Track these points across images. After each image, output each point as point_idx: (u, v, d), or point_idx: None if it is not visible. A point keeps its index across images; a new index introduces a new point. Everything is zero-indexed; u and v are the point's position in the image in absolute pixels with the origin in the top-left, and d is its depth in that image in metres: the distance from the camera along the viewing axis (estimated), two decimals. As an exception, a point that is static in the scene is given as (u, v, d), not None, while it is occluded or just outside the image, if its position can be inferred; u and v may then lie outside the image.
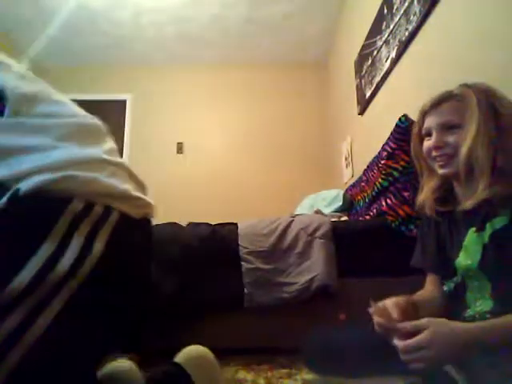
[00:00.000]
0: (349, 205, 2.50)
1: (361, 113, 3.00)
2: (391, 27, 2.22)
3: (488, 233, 0.83)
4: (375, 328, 0.79)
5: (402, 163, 1.75)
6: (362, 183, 2.30)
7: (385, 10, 2.34)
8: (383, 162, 1.84)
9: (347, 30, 3.51)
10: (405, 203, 1.66)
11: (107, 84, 4.52)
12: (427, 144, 0.93)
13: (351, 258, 1.70)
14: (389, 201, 1.74)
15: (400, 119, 1.80)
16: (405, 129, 1.73)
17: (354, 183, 2.72)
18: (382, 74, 2.40)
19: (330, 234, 1.72)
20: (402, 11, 2.04)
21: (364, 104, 2.87)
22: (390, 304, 0.81)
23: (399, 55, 2.13)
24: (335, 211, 2.46)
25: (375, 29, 2.54)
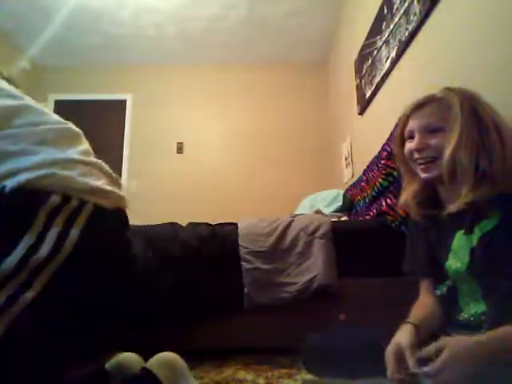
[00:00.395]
0: (349, 205, 2.50)
1: (361, 113, 3.00)
2: (391, 27, 2.22)
3: (477, 236, 0.82)
4: (391, 375, 0.75)
5: (402, 163, 1.75)
6: (362, 183, 2.30)
7: (385, 10, 2.34)
8: (383, 162, 1.85)
9: (347, 30, 3.51)
10: (405, 203, 1.66)
11: (107, 84, 4.52)
12: (409, 146, 0.93)
13: (351, 258, 1.70)
14: (389, 201, 1.74)
15: (400, 119, 1.80)
16: (405, 129, 1.73)
17: (354, 183, 2.72)
18: (382, 74, 2.40)
19: (330, 234, 1.72)
20: (402, 11, 2.04)
21: (364, 104, 2.87)
22: (408, 352, 0.75)
23: (399, 55, 2.13)
24: (335, 211, 2.46)
25: (375, 29, 2.54)
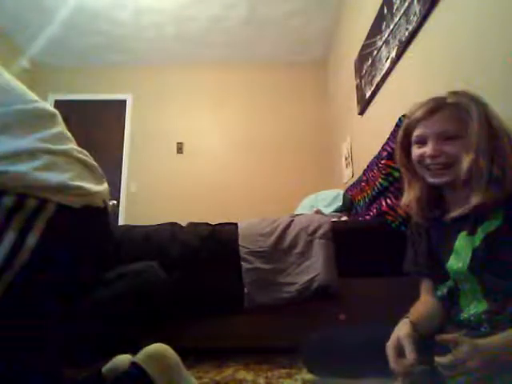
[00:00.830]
0: (349, 205, 2.50)
1: (361, 113, 3.00)
2: (391, 27, 2.22)
3: (480, 236, 0.83)
4: (393, 367, 0.77)
5: (402, 163, 1.75)
6: (362, 183, 2.30)
7: (385, 10, 2.34)
8: (383, 162, 1.85)
9: (347, 30, 3.51)
10: (405, 203, 1.66)
11: (107, 84, 4.52)
12: (420, 152, 0.93)
13: (351, 258, 1.69)
14: (389, 201, 1.74)
15: (400, 119, 1.80)
16: (405, 129, 1.73)
17: (354, 183, 2.72)
18: (382, 74, 2.40)
19: (330, 234, 1.71)
20: (402, 11, 2.04)
21: (364, 104, 2.87)
22: (406, 341, 0.78)
23: (399, 55, 2.13)
24: (335, 211, 2.45)
25: (375, 29, 2.54)
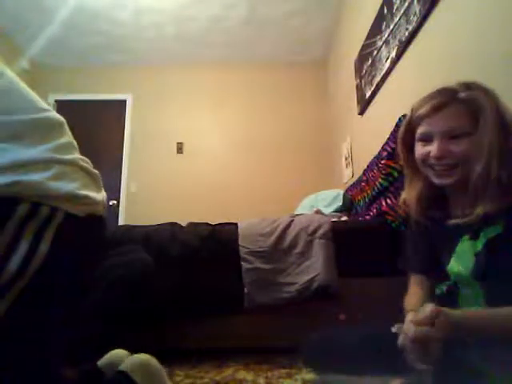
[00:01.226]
0: (349, 205, 2.50)
1: (361, 113, 3.00)
2: (391, 27, 2.22)
3: (482, 242, 0.81)
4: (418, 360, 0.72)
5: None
6: (362, 183, 2.30)
7: (385, 10, 2.34)
8: (383, 162, 1.85)
9: (347, 30, 3.51)
10: (405, 203, 1.66)
11: (107, 84, 4.52)
12: (424, 150, 0.87)
13: (351, 258, 1.70)
14: (389, 201, 1.75)
15: (400, 119, 1.80)
16: (405, 129, 1.73)
17: (354, 183, 2.72)
18: (382, 74, 2.40)
19: (330, 234, 1.72)
20: (402, 11, 2.04)
21: (364, 104, 2.87)
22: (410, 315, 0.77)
23: (399, 55, 2.13)
24: (335, 211, 2.45)
25: (375, 29, 2.54)
